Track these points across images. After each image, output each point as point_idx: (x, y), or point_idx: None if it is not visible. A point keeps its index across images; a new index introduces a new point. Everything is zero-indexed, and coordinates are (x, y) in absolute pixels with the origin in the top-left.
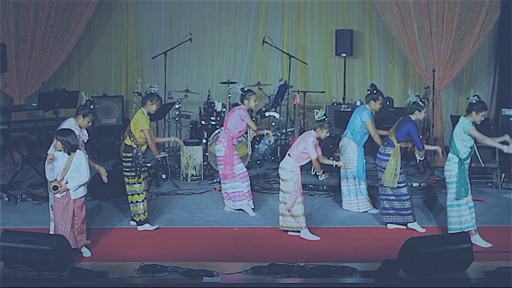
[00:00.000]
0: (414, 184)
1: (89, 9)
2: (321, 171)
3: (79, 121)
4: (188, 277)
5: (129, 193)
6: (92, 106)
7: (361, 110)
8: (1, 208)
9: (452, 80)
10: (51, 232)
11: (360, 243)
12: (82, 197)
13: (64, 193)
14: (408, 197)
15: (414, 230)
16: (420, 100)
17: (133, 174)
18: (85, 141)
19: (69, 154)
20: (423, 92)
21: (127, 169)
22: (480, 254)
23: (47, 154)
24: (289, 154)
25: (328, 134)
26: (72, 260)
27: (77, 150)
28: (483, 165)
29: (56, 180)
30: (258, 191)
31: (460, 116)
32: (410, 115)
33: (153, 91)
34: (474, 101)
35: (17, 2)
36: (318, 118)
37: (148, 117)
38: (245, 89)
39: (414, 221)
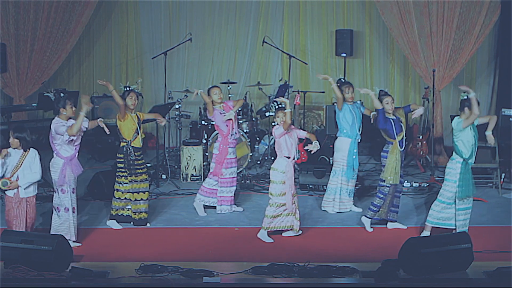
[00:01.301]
0: (414, 184)
1: (89, 9)
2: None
3: (64, 113)
4: (188, 277)
5: (115, 189)
6: (62, 95)
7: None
8: (1, 208)
9: (452, 80)
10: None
11: (360, 243)
12: (33, 196)
13: (15, 191)
14: (384, 197)
15: (364, 225)
16: (383, 92)
17: (125, 174)
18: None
19: (24, 151)
20: (423, 92)
21: (119, 170)
22: (480, 254)
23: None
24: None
25: (284, 117)
26: (72, 260)
27: (31, 148)
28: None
29: (5, 177)
30: (258, 191)
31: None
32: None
33: (127, 88)
34: (465, 97)
35: (17, 2)
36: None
37: (131, 113)
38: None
39: (369, 218)
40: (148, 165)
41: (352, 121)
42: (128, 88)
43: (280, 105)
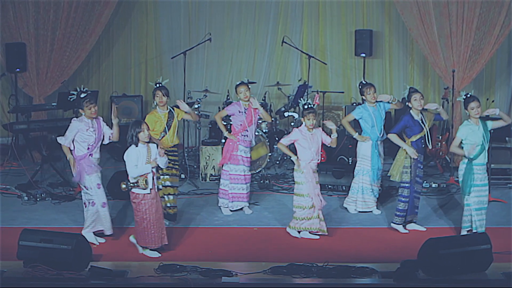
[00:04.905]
0: (433, 185)
1: (109, 9)
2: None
3: (83, 114)
4: (207, 277)
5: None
6: (82, 96)
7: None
8: (20, 207)
9: (472, 80)
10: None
11: (379, 243)
12: None
13: (151, 186)
14: (407, 199)
15: (396, 230)
16: (413, 89)
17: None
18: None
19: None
20: (443, 92)
21: None
22: (499, 255)
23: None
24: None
25: (313, 121)
26: (92, 259)
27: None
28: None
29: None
30: (277, 191)
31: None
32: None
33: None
34: (462, 99)
35: (37, 2)
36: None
37: (161, 111)
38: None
39: (399, 224)
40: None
41: (372, 124)
42: (158, 85)
43: (309, 106)
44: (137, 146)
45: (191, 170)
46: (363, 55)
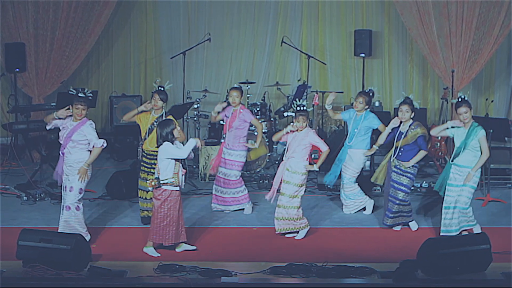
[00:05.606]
0: (433, 185)
1: (108, 9)
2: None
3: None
4: (206, 277)
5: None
6: (80, 95)
7: None
8: (20, 207)
9: (471, 80)
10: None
11: (378, 243)
12: None
13: (181, 184)
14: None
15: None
16: (409, 100)
17: (142, 169)
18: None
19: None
20: (442, 92)
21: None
22: (498, 255)
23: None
24: None
25: (303, 124)
26: (91, 259)
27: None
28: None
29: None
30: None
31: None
32: None
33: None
34: (459, 100)
35: (37, 2)
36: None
37: (153, 113)
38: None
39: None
40: None
41: (347, 129)
42: (160, 88)
43: (301, 108)
44: (172, 143)
45: (190, 170)
46: (363, 55)
